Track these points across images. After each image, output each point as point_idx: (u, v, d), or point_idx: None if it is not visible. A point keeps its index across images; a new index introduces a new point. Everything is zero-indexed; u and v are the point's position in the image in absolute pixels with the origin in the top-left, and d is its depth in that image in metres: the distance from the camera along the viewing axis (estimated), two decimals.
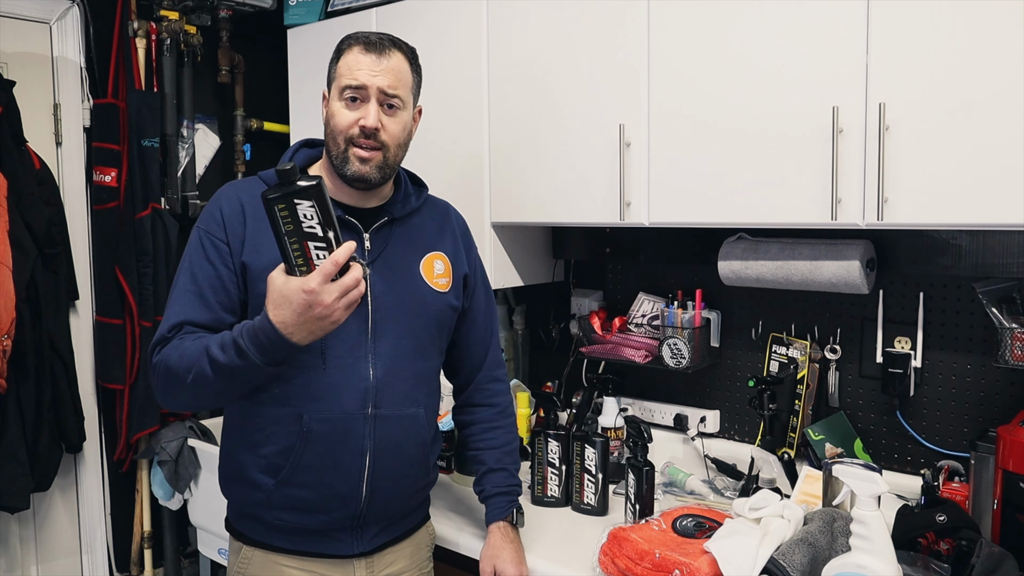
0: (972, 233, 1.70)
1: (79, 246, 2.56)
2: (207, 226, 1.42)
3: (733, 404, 2.13)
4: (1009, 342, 1.60)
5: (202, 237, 1.41)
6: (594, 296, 2.37)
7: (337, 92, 1.42)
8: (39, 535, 2.56)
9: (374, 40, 1.42)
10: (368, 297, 1.42)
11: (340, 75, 1.42)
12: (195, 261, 1.40)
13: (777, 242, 1.87)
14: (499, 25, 2.05)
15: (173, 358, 1.32)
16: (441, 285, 1.53)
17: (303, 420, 1.39)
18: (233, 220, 1.41)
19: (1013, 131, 1.36)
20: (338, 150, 1.42)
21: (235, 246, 1.40)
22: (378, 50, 1.41)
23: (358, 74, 1.40)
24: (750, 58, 1.64)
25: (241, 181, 1.51)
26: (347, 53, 1.43)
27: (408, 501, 1.53)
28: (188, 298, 1.38)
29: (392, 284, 1.46)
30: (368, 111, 1.40)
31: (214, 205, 1.44)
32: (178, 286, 1.41)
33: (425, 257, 1.53)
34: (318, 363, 1.39)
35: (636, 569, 1.40)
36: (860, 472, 1.30)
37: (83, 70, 2.57)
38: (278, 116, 2.94)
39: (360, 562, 1.48)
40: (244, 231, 1.40)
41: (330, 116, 1.43)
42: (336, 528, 1.45)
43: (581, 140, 1.91)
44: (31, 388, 2.28)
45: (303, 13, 2.56)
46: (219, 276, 1.39)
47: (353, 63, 1.41)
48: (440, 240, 1.57)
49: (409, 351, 1.47)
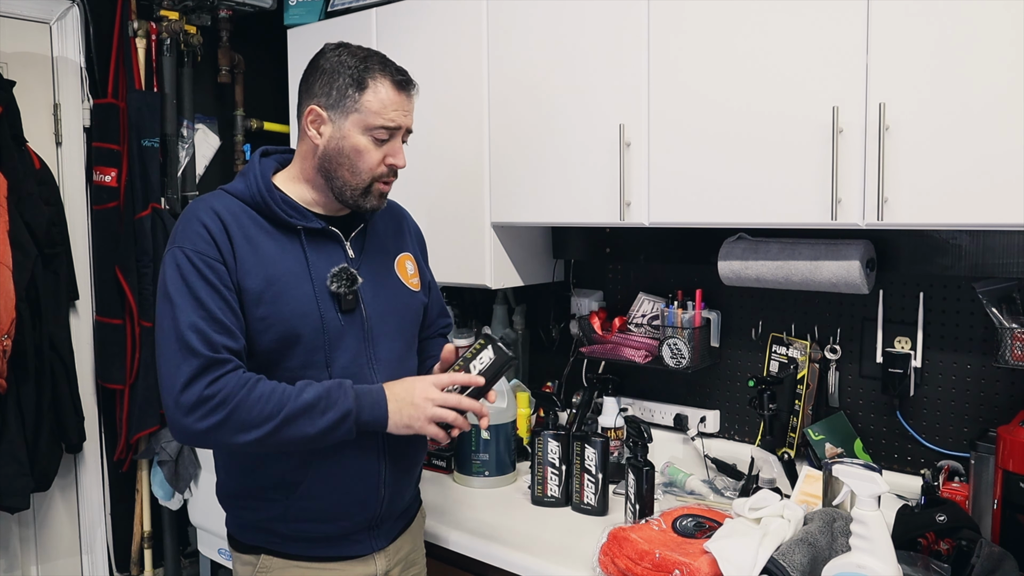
0: (972, 233, 1.70)
1: (79, 246, 2.56)
2: (195, 246, 1.31)
3: (733, 404, 2.13)
4: (1009, 342, 1.60)
5: (192, 258, 1.30)
6: (594, 296, 2.37)
7: (361, 126, 1.37)
8: (39, 535, 2.56)
9: (402, 80, 1.41)
10: (361, 305, 1.44)
11: (371, 112, 1.37)
12: (196, 286, 1.29)
13: (777, 242, 1.87)
14: (499, 25, 2.05)
15: (254, 403, 1.27)
16: (415, 284, 1.57)
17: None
18: (220, 237, 1.33)
19: (1013, 131, 1.36)
20: (358, 183, 1.40)
21: (229, 264, 1.33)
22: (408, 90, 1.42)
23: (395, 115, 1.39)
24: (750, 58, 1.64)
25: (210, 196, 1.41)
26: (376, 86, 1.37)
27: (412, 491, 1.58)
28: (206, 321, 1.28)
29: (378, 289, 1.48)
30: (396, 150, 1.42)
31: (195, 224, 1.33)
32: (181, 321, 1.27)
33: (397, 259, 1.56)
34: (324, 376, 1.39)
35: (636, 569, 1.40)
36: (860, 472, 1.30)
37: (83, 70, 2.57)
38: (278, 116, 2.94)
39: (380, 555, 1.50)
40: (233, 249, 1.34)
41: (350, 150, 1.38)
42: (355, 531, 1.46)
43: (581, 140, 1.91)
44: (31, 388, 2.28)
45: (303, 13, 2.56)
46: (225, 299, 1.31)
47: (388, 102, 1.38)
48: (403, 241, 1.60)
49: (402, 352, 1.51)
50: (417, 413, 1.34)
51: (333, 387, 1.32)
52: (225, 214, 1.36)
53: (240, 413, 1.27)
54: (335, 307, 1.40)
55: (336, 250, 1.44)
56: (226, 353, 1.29)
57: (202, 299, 1.29)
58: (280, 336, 1.36)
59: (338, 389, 1.32)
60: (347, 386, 1.33)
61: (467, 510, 1.88)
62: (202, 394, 1.25)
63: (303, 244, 1.40)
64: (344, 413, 1.31)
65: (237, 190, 1.41)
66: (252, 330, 1.35)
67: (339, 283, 1.40)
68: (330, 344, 1.39)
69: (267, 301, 1.35)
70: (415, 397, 1.34)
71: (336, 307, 1.40)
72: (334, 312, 1.40)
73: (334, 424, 1.30)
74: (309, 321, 1.37)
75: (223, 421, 1.26)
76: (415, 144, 2.24)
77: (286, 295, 1.36)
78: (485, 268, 2.13)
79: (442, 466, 2.15)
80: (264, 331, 1.36)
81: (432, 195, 2.21)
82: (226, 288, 1.32)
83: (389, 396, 1.35)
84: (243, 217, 1.38)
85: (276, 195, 1.41)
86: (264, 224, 1.40)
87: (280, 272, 1.37)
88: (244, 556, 1.47)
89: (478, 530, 1.75)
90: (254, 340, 1.36)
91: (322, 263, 1.41)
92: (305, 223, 1.41)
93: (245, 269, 1.34)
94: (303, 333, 1.37)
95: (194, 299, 1.29)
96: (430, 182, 2.22)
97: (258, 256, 1.36)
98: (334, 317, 1.40)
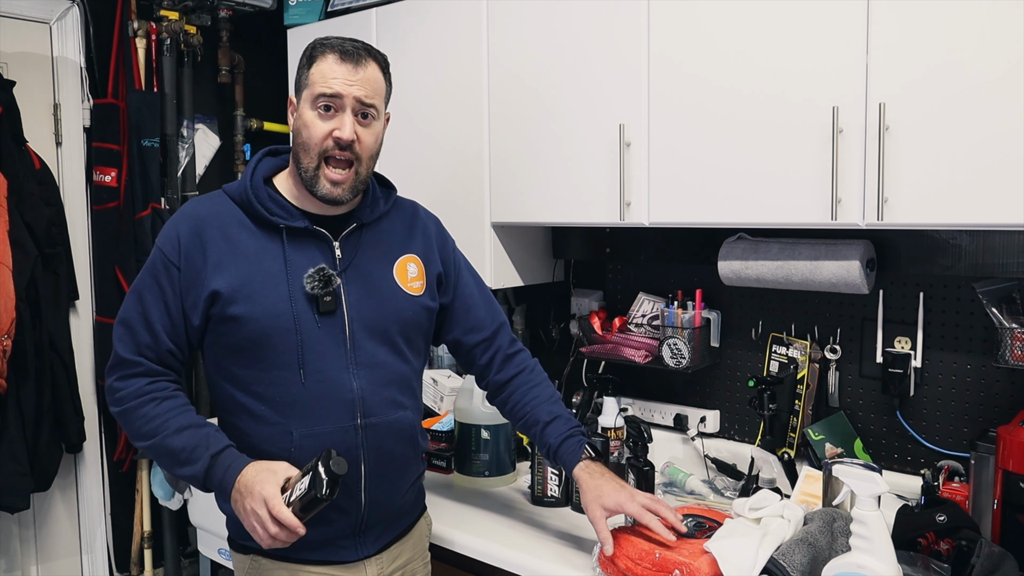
0: (972, 233, 1.70)
1: (79, 246, 2.56)
2: (163, 246, 1.40)
3: (733, 404, 2.13)
4: (1009, 342, 1.60)
5: (155, 258, 1.40)
6: (594, 296, 2.37)
7: (309, 100, 1.37)
8: (39, 535, 2.56)
9: (349, 49, 1.38)
10: (343, 307, 1.42)
11: (313, 82, 1.37)
12: (146, 283, 1.39)
13: (777, 242, 1.87)
14: (499, 24, 2.05)
15: (137, 417, 1.37)
16: (415, 288, 1.51)
17: (293, 437, 1.38)
18: (189, 241, 1.38)
19: (1013, 131, 1.36)
20: (310, 165, 1.38)
21: (191, 269, 1.37)
22: (354, 60, 1.37)
23: (333, 83, 1.35)
24: (750, 58, 1.64)
25: (204, 197, 1.47)
26: (320, 60, 1.37)
27: (405, 497, 1.53)
28: (138, 320, 1.39)
29: (366, 293, 1.45)
30: (343, 122, 1.36)
31: (170, 226, 1.42)
32: (128, 303, 1.41)
33: (397, 261, 1.51)
34: (296, 378, 1.38)
35: (636, 569, 1.40)
36: (860, 472, 1.30)
37: (83, 70, 2.57)
38: (278, 116, 2.94)
39: (370, 561, 1.48)
40: (204, 253, 1.37)
41: (301, 126, 1.38)
42: (338, 536, 1.44)
43: (581, 140, 1.91)
44: (31, 388, 2.28)
45: (303, 13, 2.56)
46: (167, 303, 1.38)
47: (328, 71, 1.36)
48: (411, 242, 1.55)
49: (389, 357, 1.46)
50: (245, 509, 1.28)
51: (201, 444, 1.34)
52: (205, 217, 1.40)
53: (128, 419, 1.39)
54: (312, 309, 1.39)
55: (322, 250, 1.43)
56: (143, 357, 1.39)
57: (144, 297, 1.39)
58: (251, 336, 1.36)
59: (204, 449, 1.33)
60: (213, 449, 1.33)
61: (467, 510, 1.88)
62: (112, 384, 1.40)
63: (284, 243, 1.40)
64: (194, 475, 1.34)
65: (231, 190, 1.44)
66: (226, 329, 1.37)
67: (313, 284, 1.38)
68: (303, 346, 1.38)
69: (240, 300, 1.36)
70: (254, 494, 1.27)
71: (314, 309, 1.39)
72: (311, 314, 1.39)
73: (188, 477, 1.35)
74: (281, 322, 1.37)
75: (120, 416, 1.41)
76: (415, 144, 2.25)
77: (260, 295, 1.37)
78: (485, 268, 2.13)
79: (442, 466, 2.15)
80: (237, 330, 1.37)
81: (431, 195, 2.21)
82: (172, 292, 1.38)
83: (240, 479, 1.30)
84: (228, 218, 1.40)
85: (263, 194, 1.41)
86: (249, 224, 1.41)
87: (256, 272, 1.38)
88: (239, 555, 1.49)
89: (478, 530, 1.75)
90: (228, 338, 1.38)
91: (304, 263, 1.40)
92: (288, 222, 1.40)
93: (219, 270, 1.37)
94: (273, 334, 1.37)
95: (138, 295, 1.40)
96: (429, 182, 2.22)
97: (236, 256, 1.38)
98: (310, 319, 1.38)
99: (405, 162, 2.26)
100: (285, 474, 1.29)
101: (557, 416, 1.56)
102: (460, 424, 2.05)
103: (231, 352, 1.40)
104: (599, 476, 1.48)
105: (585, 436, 1.55)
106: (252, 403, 1.40)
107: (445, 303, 1.60)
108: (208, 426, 1.38)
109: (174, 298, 1.38)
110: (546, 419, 1.56)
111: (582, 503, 1.48)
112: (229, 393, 1.42)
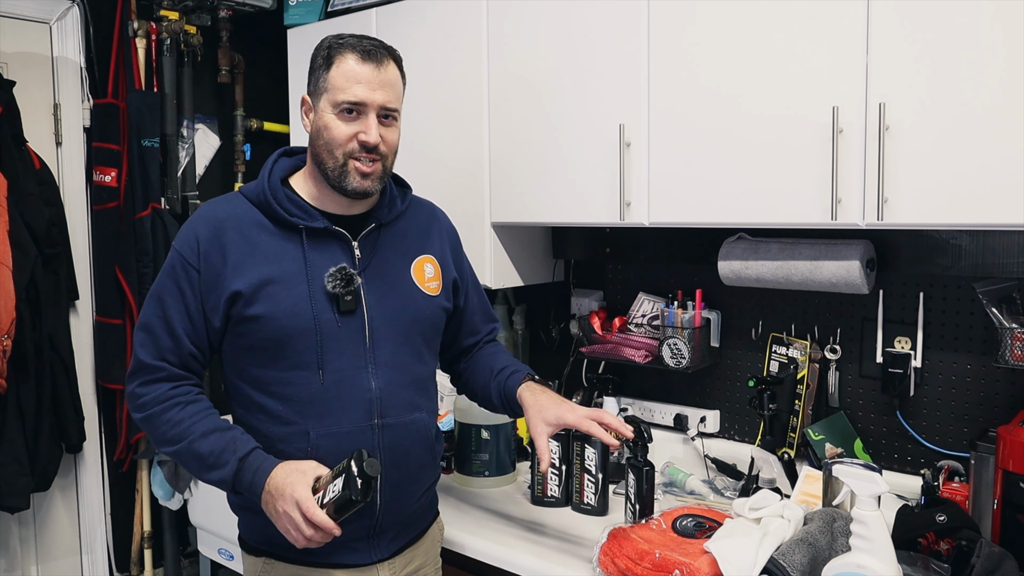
0: (972, 233, 1.70)
1: (79, 246, 2.56)
2: (182, 249, 1.39)
3: (733, 404, 2.13)
4: (1009, 342, 1.60)
5: (174, 261, 1.39)
6: (594, 296, 2.37)
7: (331, 105, 1.37)
8: (39, 535, 2.56)
9: (369, 48, 1.37)
10: (363, 307, 1.42)
11: (334, 87, 1.36)
12: (166, 287, 1.39)
13: (777, 242, 1.87)
14: (499, 25, 2.05)
15: (162, 423, 1.36)
16: (432, 288, 1.52)
17: (310, 437, 1.38)
18: (208, 244, 1.37)
19: (1013, 131, 1.36)
20: (335, 164, 1.38)
21: (211, 270, 1.37)
22: (375, 60, 1.36)
23: (357, 89, 1.35)
24: (750, 58, 1.64)
25: (221, 199, 1.46)
26: (340, 62, 1.36)
27: (419, 502, 1.52)
28: (159, 324, 1.38)
29: (385, 292, 1.45)
30: (368, 126, 1.36)
31: (189, 227, 1.41)
32: (148, 308, 1.40)
33: (415, 261, 1.51)
34: (315, 378, 1.38)
35: (636, 569, 1.40)
36: (860, 472, 1.30)
37: (83, 70, 2.57)
38: (278, 116, 2.94)
39: (383, 565, 1.47)
40: (224, 255, 1.37)
41: (323, 128, 1.38)
42: (352, 539, 1.42)
43: (581, 140, 1.91)
44: (31, 388, 2.28)
45: (303, 13, 2.56)
46: (187, 306, 1.37)
47: (350, 75, 1.35)
48: (428, 242, 1.55)
49: (408, 358, 1.47)
50: (277, 511, 1.29)
51: (228, 448, 1.33)
52: (224, 218, 1.39)
53: (153, 424, 1.38)
54: (333, 308, 1.39)
55: (342, 250, 1.43)
56: (165, 362, 1.38)
57: (165, 301, 1.38)
58: (271, 335, 1.36)
59: (231, 452, 1.33)
60: (240, 452, 1.33)
61: (467, 510, 1.88)
62: (134, 390, 1.39)
63: (303, 244, 1.40)
64: (222, 479, 1.34)
65: (248, 191, 1.43)
66: (245, 329, 1.37)
67: (335, 283, 1.39)
68: (323, 345, 1.38)
69: (260, 300, 1.36)
70: (286, 497, 1.27)
71: (334, 308, 1.39)
72: (331, 313, 1.39)
73: (216, 481, 1.35)
74: (301, 321, 1.37)
75: (143, 422, 1.39)
76: (415, 144, 2.25)
77: (279, 295, 1.37)
78: (485, 268, 2.13)
79: (442, 466, 2.15)
80: (257, 330, 1.36)
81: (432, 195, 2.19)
82: (193, 295, 1.37)
83: (269, 481, 1.30)
84: (247, 219, 1.40)
85: (281, 194, 1.41)
86: (268, 225, 1.40)
87: (276, 272, 1.37)
88: (251, 557, 1.48)
89: (478, 530, 1.75)
90: (247, 339, 1.38)
91: (324, 263, 1.40)
92: (308, 222, 1.40)
93: (239, 271, 1.36)
94: (293, 333, 1.37)
95: (158, 299, 1.39)
96: (430, 182, 2.21)
97: (256, 256, 1.37)
98: (330, 318, 1.39)
99: (405, 162, 2.24)
100: (314, 474, 1.30)
101: (509, 364, 1.60)
102: (460, 424, 2.05)
103: (250, 352, 1.39)
104: (540, 393, 1.51)
105: (533, 375, 1.58)
106: (270, 403, 1.39)
107: (455, 307, 1.61)
108: (234, 429, 1.38)
109: (194, 301, 1.37)
110: (499, 367, 1.60)
111: (526, 421, 1.51)
112: (246, 393, 1.42)
